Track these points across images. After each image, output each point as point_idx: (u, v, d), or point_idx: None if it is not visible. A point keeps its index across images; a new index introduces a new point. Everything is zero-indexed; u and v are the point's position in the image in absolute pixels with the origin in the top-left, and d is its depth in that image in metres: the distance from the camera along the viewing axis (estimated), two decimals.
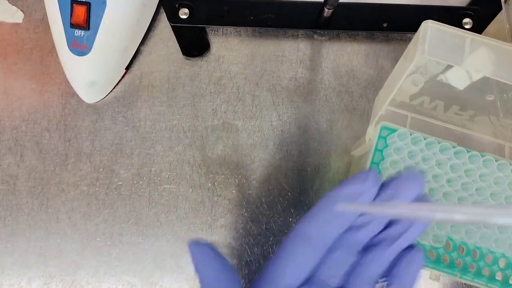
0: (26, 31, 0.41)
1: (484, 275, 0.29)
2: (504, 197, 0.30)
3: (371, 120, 0.33)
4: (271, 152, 0.39)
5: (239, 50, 0.41)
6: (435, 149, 0.30)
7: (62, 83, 0.40)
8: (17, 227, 0.38)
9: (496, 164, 0.30)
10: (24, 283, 0.37)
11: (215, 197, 0.38)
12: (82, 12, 0.36)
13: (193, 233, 0.37)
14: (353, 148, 0.38)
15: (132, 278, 0.37)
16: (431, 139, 0.30)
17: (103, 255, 0.37)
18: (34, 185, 0.38)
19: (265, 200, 0.38)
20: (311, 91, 0.40)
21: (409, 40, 0.41)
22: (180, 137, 0.39)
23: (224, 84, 0.40)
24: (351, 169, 0.38)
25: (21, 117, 0.40)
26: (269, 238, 0.37)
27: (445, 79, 0.31)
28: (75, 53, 0.36)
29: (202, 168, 0.38)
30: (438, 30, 0.24)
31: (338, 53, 0.41)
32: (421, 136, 0.30)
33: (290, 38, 0.41)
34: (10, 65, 0.41)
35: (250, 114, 0.39)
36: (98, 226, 0.37)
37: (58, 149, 0.39)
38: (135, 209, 0.38)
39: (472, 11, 0.38)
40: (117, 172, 0.38)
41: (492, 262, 0.29)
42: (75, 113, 0.40)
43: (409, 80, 0.35)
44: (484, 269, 0.29)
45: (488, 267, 0.29)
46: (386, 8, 0.39)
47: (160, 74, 0.40)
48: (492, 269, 0.29)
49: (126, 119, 0.39)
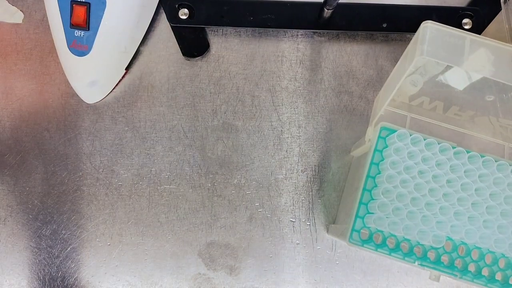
0: (26, 31, 0.41)
1: (484, 275, 0.29)
2: (503, 198, 0.30)
3: (370, 121, 0.33)
4: (271, 152, 0.39)
5: (239, 50, 0.41)
6: (435, 149, 0.30)
7: (62, 83, 0.40)
8: (17, 227, 0.38)
9: (496, 165, 0.30)
10: (24, 283, 0.37)
11: (215, 197, 0.38)
12: (82, 12, 0.36)
13: (193, 233, 0.37)
14: (353, 148, 0.38)
15: (132, 278, 0.37)
16: (431, 140, 0.30)
17: (103, 255, 0.37)
18: (34, 185, 0.38)
19: (265, 200, 0.38)
20: (311, 92, 0.40)
21: (408, 41, 0.41)
22: (180, 137, 0.39)
23: (224, 84, 0.40)
24: (351, 170, 0.38)
25: (21, 117, 0.40)
26: (269, 239, 0.37)
27: (444, 80, 0.31)
28: (75, 54, 0.36)
29: (202, 169, 0.38)
30: (438, 31, 0.24)
31: (337, 53, 0.41)
32: (421, 136, 0.30)
33: (289, 38, 0.41)
34: (10, 65, 0.41)
35: (250, 114, 0.40)
36: (98, 226, 0.38)
37: (58, 149, 0.39)
38: (135, 209, 0.38)
39: (472, 12, 0.38)
40: (117, 172, 0.38)
41: (492, 262, 0.29)
42: (75, 114, 0.40)
43: (408, 80, 0.35)
44: (484, 269, 0.29)
45: (488, 267, 0.29)
46: (386, 8, 0.39)
47: (160, 75, 0.40)
48: (492, 269, 0.29)
49: (126, 119, 0.40)
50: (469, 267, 0.29)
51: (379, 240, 0.30)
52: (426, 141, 0.30)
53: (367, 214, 0.30)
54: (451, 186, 0.30)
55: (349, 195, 0.35)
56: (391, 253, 0.29)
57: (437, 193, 0.29)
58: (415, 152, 0.30)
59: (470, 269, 0.29)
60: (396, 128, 0.31)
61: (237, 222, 0.37)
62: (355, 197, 0.30)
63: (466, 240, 0.29)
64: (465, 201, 0.30)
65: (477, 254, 0.29)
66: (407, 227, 0.29)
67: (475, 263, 0.29)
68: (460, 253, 0.29)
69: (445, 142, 0.30)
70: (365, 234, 0.30)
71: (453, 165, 0.30)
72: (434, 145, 0.30)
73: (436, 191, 0.30)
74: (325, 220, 0.37)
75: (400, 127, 0.31)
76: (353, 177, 0.36)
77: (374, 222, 0.29)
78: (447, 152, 0.30)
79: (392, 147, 0.30)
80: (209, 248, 0.37)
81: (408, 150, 0.30)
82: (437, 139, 0.30)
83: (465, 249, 0.29)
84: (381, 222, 0.29)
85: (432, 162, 0.30)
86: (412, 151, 0.30)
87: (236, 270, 0.37)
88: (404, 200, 0.29)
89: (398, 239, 0.30)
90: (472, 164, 0.30)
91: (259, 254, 0.37)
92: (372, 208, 0.30)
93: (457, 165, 0.30)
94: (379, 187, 0.30)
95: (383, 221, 0.29)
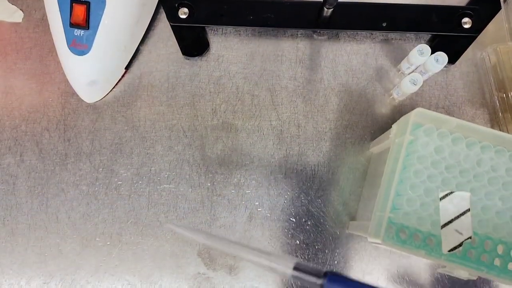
0: (25, 30, 0.41)
1: (510, 270, 0.29)
2: None
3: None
4: (271, 152, 0.39)
5: (239, 49, 0.41)
6: (462, 144, 0.30)
7: (62, 82, 0.40)
8: (17, 227, 0.38)
9: None
10: (24, 282, 0.37)
11: (215, 196, 0.38)
12: (81, 11, 0.36)
13: None
14: (373, 144, 0.38)
15: (131, 278, 0.37)
16: (458, 135, 0.30)
17: (102, 255, 0.37)
18: (34, 184, 0.38)
19: (265, 200, 0.38)
20: (311, 91, 0.40)
21: (408, 40, 0.41)
22: (179, 136, 0.39)
23: (224, 83, 0.40)
24: (371, 166, 0.37)
25: (20, 116, 0.40)
26: (268, 238, 0.37)
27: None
28: (75, 53, 0.36)
29: (201, 168, 0.38)
30: None
31: (337, 52, 0.41)
32: (448, 131, 0.30)
33: (289, 37, 0.41)
34: (10, 64, 0.41)
35: (249, 113, 0.40)
36: (98, 225, 0.37)
37: (57, 149, 0.39)
38: (135, 208, 0.38)
39: (472, 11, 0.38)
40: (117, 171, 0.38)
41: (491, 249, 0.29)
42: (75, 113, 0.40)
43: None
44: (510, 263, 0.29)
45: (487, 254, 0.29)
46: (386, 7, 0.39)
47: (160, 74, 0.40)
48: (491, 255, 0.29)
49: (126, 118, 0.39)
50: (495, 262, 0.29)
51: (405, 236, 0.29)
52: (452, 136, 0.30)
53: (393, 210, 0.29)
54: (478, 180, 0.30)
55: (371, 191, 0.34)
56: (417, 249, 0.29)
57: (464, 187, 0.29)
58: (442, 147, 0.30)
59: (496, 264, 0.29)
60: (422, 123, 0.30)
61: (237, 222, 0.37)
62: (384, 193, 0.30)
63: (493, 235, 0.29)
64: (493, 195, 0.29)
65: (502, 249, 0.29)
66: (434, 223, 0.29)
67: (501, 258, 0.29)
68: (486, 248, 0.29)
69: (472, 137, 0.30)
70: (391, 231, 0.29)
71: (480, 160, 0.30)
72: (461, 140, 0.30)
73: (463, 186, 0.29)
74: (325, 220, 0.37)
75: (427, 122, 0.30)
76: (374, 174, 0.36)
77: (402, 218, 0.29)
78: (474, 147, 0.30)
79: (418, 141, 0.30)
80: (208, 247, 0.37)
81: (435, 144, 0.30)
82: (464, 134, 0.30)
83: (491, 244, 0.29)
84: (408, 218, 0.29)
85: (459, 157, 0.30)
86: (439, 146, 0.30)
87: (235, 270, 0.37)
88: (432, 195, 0.29)
89: (424, 234, 0.29)
90: (499, 158, 0.30)
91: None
92: (399, 205, 0.29)
93: (484, 160, 0.30)
94: (404, 182, 0.30)
95: (411, 217, 0.29)
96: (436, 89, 0.40)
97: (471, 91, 0.40)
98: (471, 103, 0.40)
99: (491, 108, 0.39)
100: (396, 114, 0.39)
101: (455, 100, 0.40)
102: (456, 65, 0.40)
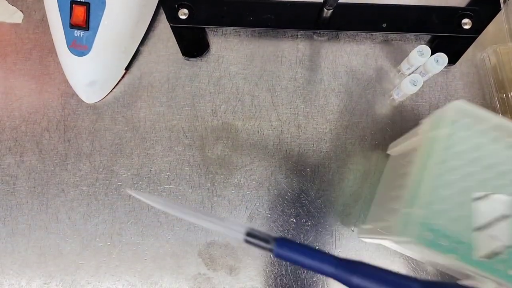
0: (25, 31, 0.41)
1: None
2: None
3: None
4: (271, 152, 0.39)
5: (239, 50, 0.41)
6: (502, 143, 0.28)
7: (62, 83, 0.40)
8: (17, 227, 0.38)
9: None
10: (24, 282, 0.37)
11: (215, 197, 0.38)
12: (81, 12, 0.36)
13: (192, 233, 0.37)
14: (392, 146, 0.37)
15: (132, 278, 0.37)
16: (498, 133, 0.28)
17: (103, 255, 0.37)
18: (34, 185, 0.38)
19: (265, 200, 0.38)
20: (311, 92, 0.40)
21: (408, 41, 0.41)
22: (179, 137, 0.39)
23: (224, 84, 0.40)
24: (387, 168, 0.36)
25: (21, 117, 0.40)
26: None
27: None
28: (75, 54, 0.36)
29: (201, 168, 0.38)
30: None
31: (337, 53, 0.41)
32: (490, 128, 0.28)
33: (289, 38, 0.41)
34: (10, 65, 0.41)
35: (249, 114, 0.40)
36: (98, 226, 0.38)
37: (58, 149, 0.39)
38: (135, 209, 0.38)
39: (472, 12, 0.38)
40: (117, 172, 0.38)
41: None
42: (75, 113, 0.40)
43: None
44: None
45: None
46: (386, 8, 0.39)
47: (160, 75, 0.40)
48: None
49: (126, 119, 0.40)
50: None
51: (433, 237, 0.26)
52: (494, 134, 0.28)
53: (423, 207, 0.27)
54: None
55: (389, 194, 0.33)
56: (447, 252, 0.26)
57: (503, 190, 0.27)
58: (482, 144, 0.28)
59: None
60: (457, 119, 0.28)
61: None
62: (414, 190, 0.28)
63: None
64: None
65: None
66: (466, 226, 0.26)
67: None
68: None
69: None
70: (418, 230, 0.26)
71: None
72: (502, 139, 0.28)
73: (502, 189, 0.27)
74: (325, 220, 0.37)
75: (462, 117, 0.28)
76: (393, 176, 0.34)
77: (432, 217, 0.26)
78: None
79: (455, 136, 0.28)
80: (209, 248, 0.37)
81: (476, 141, 0.28)
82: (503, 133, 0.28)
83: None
84: (438, 217, 0.26)
85: (499, 156, 0.27)
86: (480, 143, 0.28)
87: (236, 270, 0.37)
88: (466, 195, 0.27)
89: (453, 237, 0.27)
90: None
91: (259, 254, 0.37)
92: (430, 202, 0.27)
93: None
94: (437, 179, 0.27)
95: (442, 216, 0.26)
96: (436, 90, 0.40)
97: (471, 92, 0.40)
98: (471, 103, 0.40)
99: (491, 108, 0.39)
100: (396, 115, 0.39)
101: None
102: (456, 66, 0.40)
